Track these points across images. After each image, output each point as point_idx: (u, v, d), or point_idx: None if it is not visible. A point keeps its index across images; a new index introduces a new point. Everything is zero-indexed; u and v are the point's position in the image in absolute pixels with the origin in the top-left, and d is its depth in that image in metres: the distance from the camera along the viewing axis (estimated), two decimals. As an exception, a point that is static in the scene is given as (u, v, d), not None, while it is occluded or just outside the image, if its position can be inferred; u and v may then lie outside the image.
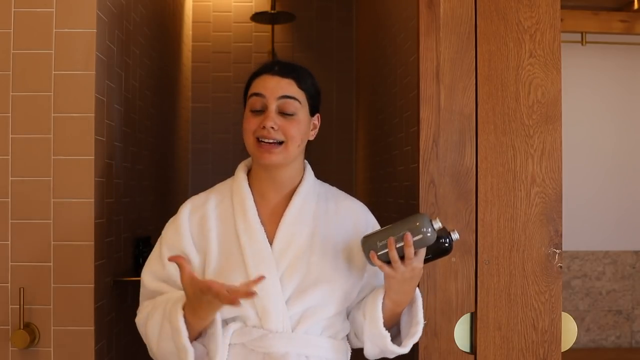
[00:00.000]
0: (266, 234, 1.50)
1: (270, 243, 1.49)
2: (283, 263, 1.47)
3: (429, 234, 1.37)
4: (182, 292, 1.46)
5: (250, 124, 1.49)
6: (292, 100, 1.49)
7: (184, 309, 1.38)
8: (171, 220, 1.58)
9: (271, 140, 1.47)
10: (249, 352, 1.45)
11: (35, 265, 1.73)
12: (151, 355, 1.51)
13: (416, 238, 1.37)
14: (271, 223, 1.52)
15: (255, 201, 1.53)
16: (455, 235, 1.46)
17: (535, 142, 1.74)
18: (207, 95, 3.91)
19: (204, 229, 1.52)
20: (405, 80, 2.04)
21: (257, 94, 1.49)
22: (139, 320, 1.53)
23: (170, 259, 1.37)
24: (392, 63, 2.28)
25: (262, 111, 1.49)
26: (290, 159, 1.51)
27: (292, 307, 1.46)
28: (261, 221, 1.51)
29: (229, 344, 1.45)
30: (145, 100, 2.53)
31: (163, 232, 1.57)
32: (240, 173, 1.58)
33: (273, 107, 1.48)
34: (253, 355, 1.45)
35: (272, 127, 1.47)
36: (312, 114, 1.55)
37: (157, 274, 1.54)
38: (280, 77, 1.50)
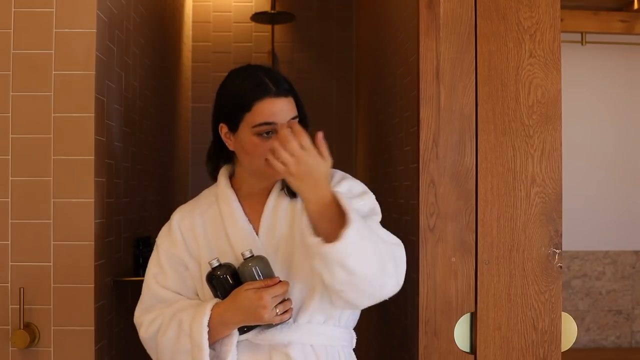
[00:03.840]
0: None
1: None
2: (271, 256, 1.50)
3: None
4: (194, 303, 1.51)
5: (260, 148, 1.49)
6: (297, 119, 1.51)
7: (211, 317, 1.44)
8: (164, 230, 1.61)
9: None
10: (255, 347, 1.48)
11: (35, 265, 1.73)
12: None
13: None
14: (255, 220, 1.55)
15: (239, 202, 1.56)
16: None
17: (535, 142, 1.73)
18: (207, 95, 3.90)
19: (195, 234, 1.56)
20: (405, 80, 2.04)
21: (268, 123, 1.49)
22: (146, 334, 1.54)
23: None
24: (392, 63, 2.28)
25: (270, 133, 1.49)
26: None
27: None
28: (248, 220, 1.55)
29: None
30: (145, 100, 2.53)
31: (158, 240, 1.60)
32: (223, 179, 1.61)
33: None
34: (259, 350, 1.48)
35: None
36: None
37: (158, 278, 1.57)
38: (284, 97, 1.51)
